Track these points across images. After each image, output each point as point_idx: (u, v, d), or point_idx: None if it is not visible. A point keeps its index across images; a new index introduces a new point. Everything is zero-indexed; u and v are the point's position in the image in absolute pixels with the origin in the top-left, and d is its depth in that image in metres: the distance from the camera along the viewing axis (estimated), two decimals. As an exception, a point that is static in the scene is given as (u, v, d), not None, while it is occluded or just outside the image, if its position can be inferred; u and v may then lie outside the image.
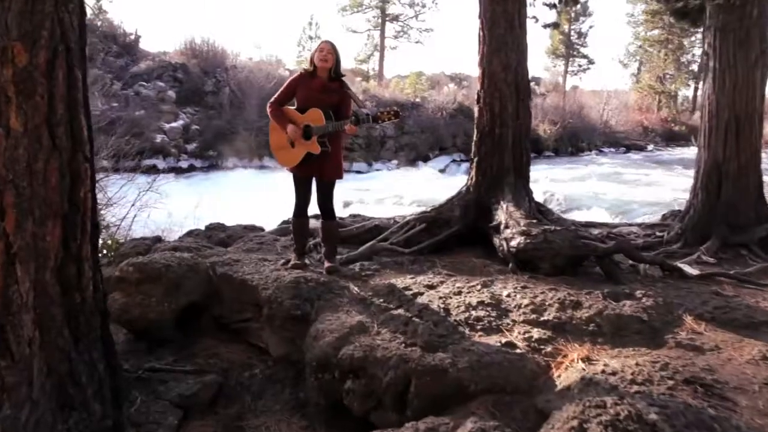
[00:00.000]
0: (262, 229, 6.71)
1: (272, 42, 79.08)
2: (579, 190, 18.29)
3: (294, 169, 4.62)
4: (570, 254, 4.51)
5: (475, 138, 5.43)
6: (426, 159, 27.39)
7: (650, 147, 38.29)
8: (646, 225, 8.49)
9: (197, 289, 4.34)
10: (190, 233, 6.47)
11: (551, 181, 20.71)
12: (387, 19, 40.34)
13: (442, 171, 26.79)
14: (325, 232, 4.73)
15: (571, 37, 42.51)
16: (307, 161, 4.50)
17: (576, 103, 40.48)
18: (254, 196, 17.70)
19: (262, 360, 4.16)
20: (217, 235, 6.28)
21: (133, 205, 8.09)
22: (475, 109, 5.43)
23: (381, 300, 3.98)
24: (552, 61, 43.91)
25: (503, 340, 3.38)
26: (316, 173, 4.58)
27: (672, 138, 40.39)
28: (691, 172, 6.28)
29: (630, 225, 8.16)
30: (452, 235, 5.16)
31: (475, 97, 5.43)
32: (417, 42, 41.02)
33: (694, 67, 45.21)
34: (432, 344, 3.33)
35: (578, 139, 38.48)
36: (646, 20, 42.53)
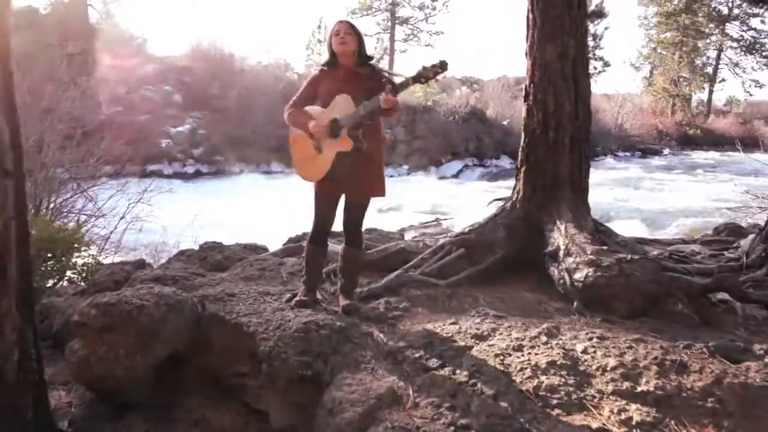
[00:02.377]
0: (264, 249, 5.78)
1: (281, 45, 78.21)
2: (600, 198, 17.24)
3: (319, 183, 3.68)
4: (653, 292, 3.55)
5: (522, 142, 4.46)
6: (438, 164, 26.66)
7: (666, 151, 37.46)
8: (703, 241, 7.54)
9: (180, 336, 3.42)
10: (182, 253, 5.54)
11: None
12: (397, 22, 39.66)
13: (455, 176, 26.12)
14: (346, 262, 3.81)
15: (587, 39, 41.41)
16: (337, 171, 3.55)
17: (591, 107, 39.49)
18: (259, 203, 16.88)
19: (263, 429, 3.24)
20: (213, 256, 5.35)
21: (122, 218, 7.20)
22: (523, 108, 4.47)
23: (417, 355, 3.04)
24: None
25: (593, 425, 2.44)
26: (348, 189, 3.64)
27: (687, 142, 39.61)
28: (716, 177, 5.25)
29: (687, 242, 7.19)
30: (496, 263, 4.21)
31: (523, 93, 4.47)
32: (427, 45, 40.14)
33: (709, 69, 44.22)
34: (494, 429, 2.40)
35: (593, 143, 37.49)
36: (660, 22, 41.67)
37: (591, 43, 40.97)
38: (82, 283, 5.35)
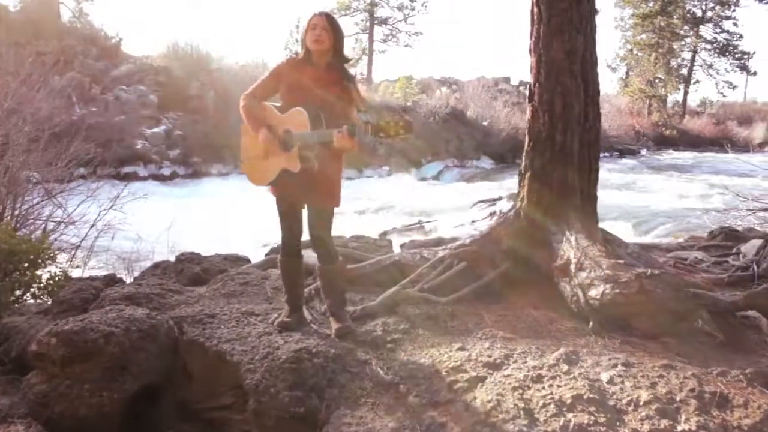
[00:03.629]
0: (246, 260, 5.39)
1: (258, 45, 77.25)
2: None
3: (274, 190, 3.37)
4: (676, 310, 3.24)
5: (526, 146, 4.13)
6: (419, 165, 26.40)
7: (643, 151, 37.69)
8: (701, 246, 7.30)
9: (154, 366, 3.05)
10: (156, 266, 5.13)
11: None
12: (375, 22, 39.34)
13: (435, 177, 25.86)
14: (325, 282, 3.47)
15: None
16: (285, 178, 3.23)
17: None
18: (238, 207, 16.38)
19: (248, 471, 2.87)
20: (191, 269, 4.95)
21: (92, 225, 6.74)
22: (527, 109, 4.14)
23: (423, 387, 2.70)
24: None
25: (634, 476, 2.11)
26: (303, 198, 3.33)
27: (663, 142, 39.95)
28: (695, 178, 4.96)
29: (684, 248, 6.94)
30: (499, 277, 3.87)
31: (528, 93, 4.14)
32: (406, 45, 39.88)
33: (684, 71, 44.68)
34: (520, 482, 2.06)
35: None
36: (636, 24, 42.03)
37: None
38: (48, 300, 4.91)
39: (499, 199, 17.09)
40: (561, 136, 3.93)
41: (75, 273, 6.13)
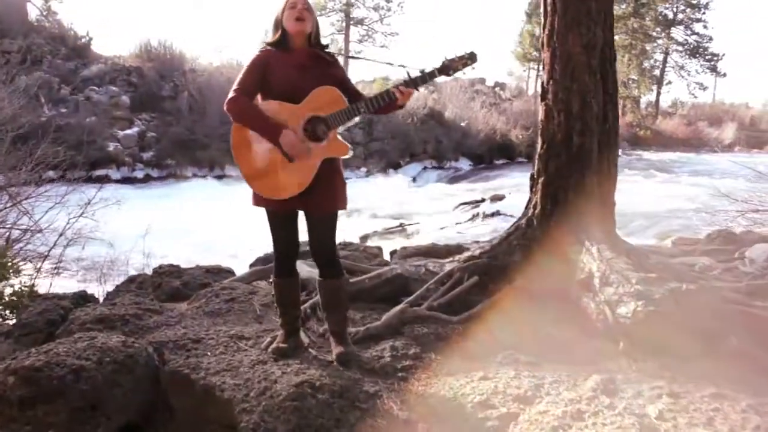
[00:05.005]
0: (229, 272, 5.00)
1: (233, 46, 76.22)
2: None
3: (262, 200, 2.88)
4: (716, 329, 2.93)
5: (539, 149, 3.80)
6: (397, 166, 26.19)
7: (618, 152, 37.99)
8: (702, 251, 7.06)
9: (131, 403, 2.64)
10: (132, 280, 4.71)
11: (538, 191, 19.34)
12: (351, 23, 39.00)
13: (414, 179, 25.61)
14: (327, 299, 3.04)
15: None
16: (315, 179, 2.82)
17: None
18: (214, 211, 15.92)
19: None
20: (170, 282, 4.53)
21: (61, 234, 6.26)
22: (540, 109, 3.81)
23: (446, 429, 2.34)
24: (523, 64, 43.00)
25: None
26: (312, 203, 2.83)
27: (637, 143, 40.36)
28: (672, 178, 4.67)
29: (688, 252, 6.68)
30: (513, 292, 3.54)
31: (540, 91, 3.80)
32: (382, 46, 39.56)
33: (657, 72, 45.22)
34: None
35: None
36: (610, 25, 42.42)
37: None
38: (12, 318, 4.46)
39: (482, 201, 16.91)
40: (578, 138, 3.61)
41: (42, 285, 5.68)
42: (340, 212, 2.93)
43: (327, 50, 2.94)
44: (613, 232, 3.76)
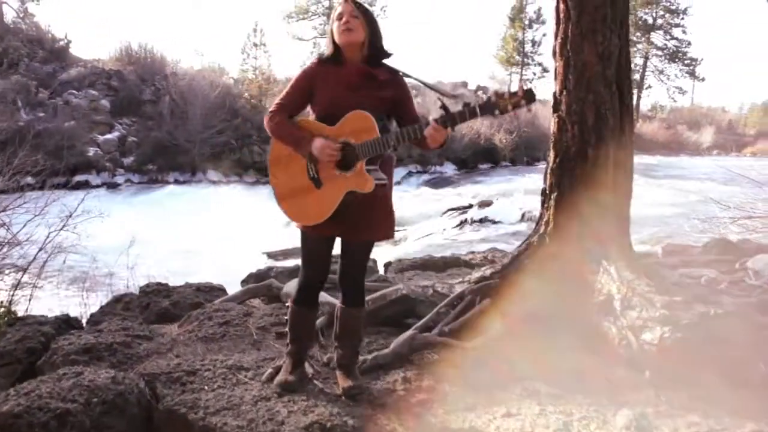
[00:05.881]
0: (221, 290, 4.75)
1: (215, 49, 75.60)
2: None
3: (312, 225, 2.64)
4: (746, 356, 2.77)
5: (551, 162, 3.62)
6: (381, 171, 25.92)
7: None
8: (702, 261, 6.94)
9: (123, 446, 2.39)
10: (118, 300, 4.44)
11: (526, 194, 19.23)
12: (334, 27, 38.72)
13: (398, 183, 25.44)
14: (346, 329, 2.82)
15: (525, 45, 41.80)
16: (344, 209, 2.56)
17: (530, 111, 39.96)
18: (197, 216, 15.62)
19: None
20: (159, 303, 4.29)
21: (41, 249, 5.96)
22: (552, 121, 3.63)
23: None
24: (506, 69, 43.09)
25: None
26: (353, 230, 2.63)
27: (618, 146, 40.48)
28: (654, 182, 4.48)
29: (688, 263, 6.55)
30: (527, 314, 3.35)
31: (552, 102, 3.61)
32: (365, 51, 39.36)
33: (637, 76, 45.68)
34: None
35: (534, 148, 37.83)
36: (591, 29, 42.76)
37: (530, 50, 41.39)
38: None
39: (470, 206, 16.75)
40: (594, 151, 3.43)
41: (20, 303, 5.40)
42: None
43: (386, 63, 2.64)
44: (630, 249, 3.59)
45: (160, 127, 21.40)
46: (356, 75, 2.55)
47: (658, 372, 2.85)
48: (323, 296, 3.40)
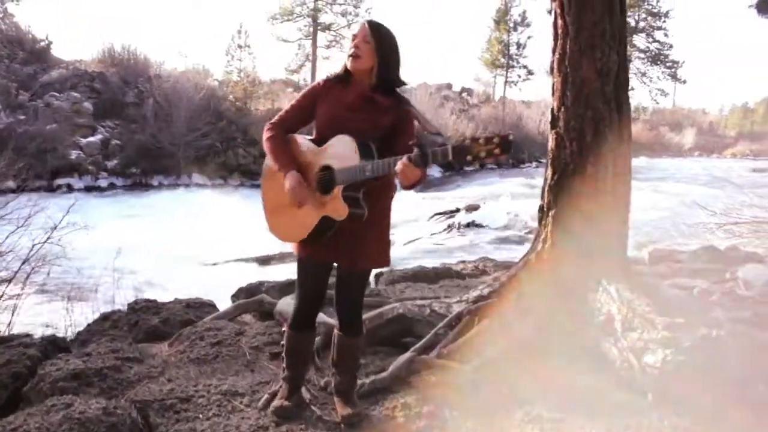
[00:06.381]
0: (211, 306, 4.66)
1: (199, 51, 75.06)
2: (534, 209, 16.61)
3: (303, 246, 2.61)
4: (747, 378, 2.74)
5: (549, 179, 3.57)
6: (366, 174, 25.83)
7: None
8: (692, 270, 6.96)
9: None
10: (106, 318, 4.33)
11: (512, 198, 19.26)
12: (319, 28, 38.68)
13: (384, 186, 25.30)
14: (342, 355, 2.75)
15: (510, 48, 42.00)
16: (324, 233, 2.50)
17: (514, 113, 40.19)
18: (183, 221, 15.46)
19: None
20: (147, 320, 4.19)
21: (25, 261, 5.81)
22: (550, 137, 3.59)
23: None
24: (491, 71, 43.26)
25: None
26: (341, 256, 2.57)
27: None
28: (639, 185, 4.40)
29: (676, 272, 6.56)
30: (525, 334, 3.30)
31: (549, 118, 3.57)
32: (350, 52, 39.24)
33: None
34: None
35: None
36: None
37: (515, 52, 41.56)
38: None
39: (457, 211, 16.74)
40: (592, 168, 3.39)
41: (2, 318, 5.29)
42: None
43: (396, 91, 2.56)
44: (629, 267, 3.56)
45: (144, 130, 21.18)
46: (357, 97, 2.50)
47: (660, 395, 2.81)
48: (319, 316, 3.32)
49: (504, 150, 2.09)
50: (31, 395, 2.91)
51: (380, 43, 2.49)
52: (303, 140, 2.59)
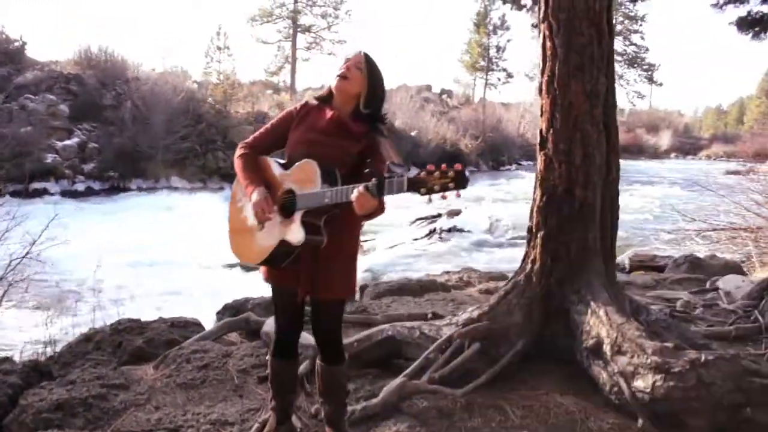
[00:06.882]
0: (196, 324, 4.59)
1: (178, 52, 74.26)
2: (522, 212, 16.68)
3: (268, 274, 2.58)
4: (736, 402, 2.77)
5: (537, 201, 3.56)
6: (344, 177, 25.78)
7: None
8: (673, 280, 7.02)
9: None
10: (88, 339, 4.23)
11: (493, 202, 19.36)
12: (299, 30, 38.58)
13: (365, 190, 25.26)
14: (326, 385, 2.70)
15: (490, 50, 42.23)
16: (283, 258, 2.45)
17: (494, 116, 40.40)
18: (163, 225, 15.29)
19: None
20: (131, 341, 4.11)
21: (1, 278, 5.68)
22: (538, 159, 3.58)
23: None
24: (471, 74, 43.48)
25: None
26: (303, 284, 2.49)
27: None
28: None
29: (659, 282, 6.62)
30: (516, 357, 3.30)
31: (538, 140, 3.56)
32: (330, 54, 39.15)
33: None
34: None
35: (498, 152, 38.24)
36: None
37: (495, 55, 41.79)
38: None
39: (439, 216, 16.76)
40: (581, 191, 3.40)
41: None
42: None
43: (375, 120, 2.51)
44: (618, 290, 3.58)
45: (122, 133, 20.90)
46: (332, 122, 2.47)
47: (651, 420, 2.83)
48: (305, 338, 3.28)
49: (458, 184, 2.07)
50: (13, 427, 2.85)
51: (371, 73, 2.48)
52: (273, 162, 2.56)
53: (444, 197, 2.12)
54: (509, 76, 42.68)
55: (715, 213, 10.91)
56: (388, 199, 2.25)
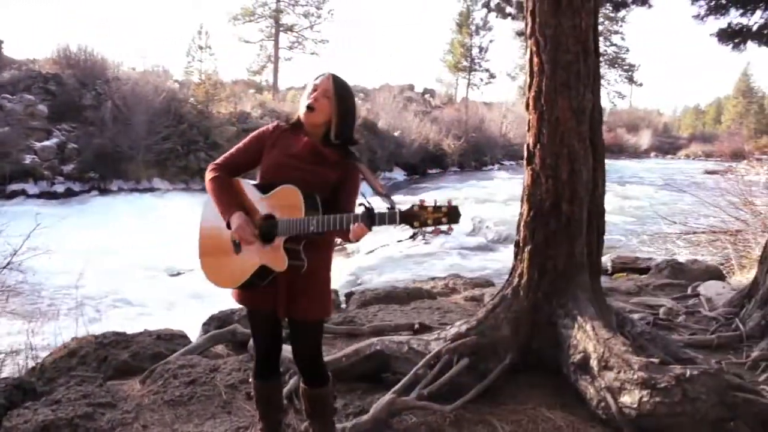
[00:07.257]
0: (182, 337, 4.56)
1: (159, 52, 73.56)
2: (505, 213, 16.77)
3: (241, 296, 2.56)
4: (720, 417, 2.81)
5: (525, 216, 3.58)
6: (330, 178, 25.65)
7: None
8: (655, 285, 7.11)
9: None
10: (73, 353, 4.19)
11: (477, 203, 19.43)
12: (281, 29, 38.35)
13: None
14: (311, 407, 2.68)
15: (472, 51, 42.37)
16: (261, 281, 2.43)
17: (477, 116, 40.54)
18: (144, 227, 15.18)
19: None
20: (117, 355, 4.08)
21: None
22: (525, 173, 3.61)
23: None
24: (454, 74, 43.60)
25: None
26: (278, 305, 2.48)
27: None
28: None
29: (641, 288, 6.70)
30: (504, 372, 3.32)
31: (525, 154, 3.59)
32: (312, 53, 38.99)
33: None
34: None
35: (481, 152, 38.39)
36: (533, 34, 43.80)
37: (477, 55, 41.92)
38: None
39: (422, 217, 16.76)
40: (568, 206, 3.43)
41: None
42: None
43: (348, 147, 2.49)
44: (604, 304, 3.61)
45: (102, 134, 20.63)
46: (306, 148, 2.44)
47: (638, 436, 2.87)
48: (290, 353, 3.29)
49: (451, 219, 2.12)
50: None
51: (340, 101, 2.44)
52: (247, 185, 2.51)
53: (436, 232, 2.14)
54: (492, 76, 42.90)
55: (695, 216, 11.09)
56: (373, 202, 2.27)
